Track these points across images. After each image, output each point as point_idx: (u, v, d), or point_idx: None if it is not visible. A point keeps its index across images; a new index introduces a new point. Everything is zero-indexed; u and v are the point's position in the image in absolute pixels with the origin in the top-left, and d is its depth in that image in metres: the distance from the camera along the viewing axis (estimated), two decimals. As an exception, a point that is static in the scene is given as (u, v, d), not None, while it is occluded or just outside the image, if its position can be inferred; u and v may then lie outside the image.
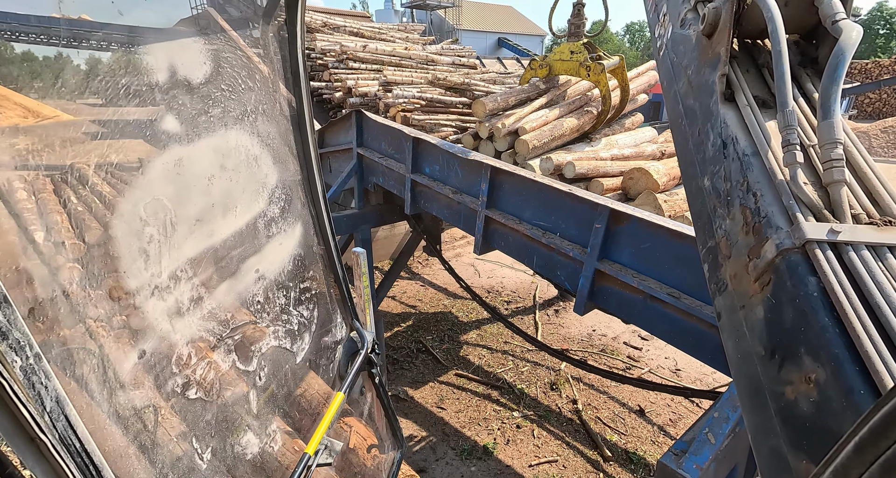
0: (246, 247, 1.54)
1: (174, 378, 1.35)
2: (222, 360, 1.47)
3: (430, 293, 8.80)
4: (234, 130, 1.48)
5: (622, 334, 7.22)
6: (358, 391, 1.89)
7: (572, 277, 3.12)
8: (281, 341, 1.64)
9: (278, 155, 1.64)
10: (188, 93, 1.36)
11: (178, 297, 1.32)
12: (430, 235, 5.92)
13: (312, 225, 1.78)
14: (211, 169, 1.41)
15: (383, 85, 5.79)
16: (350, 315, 1.85)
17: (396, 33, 8.69)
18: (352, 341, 1.78)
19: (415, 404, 5.69)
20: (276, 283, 1.65)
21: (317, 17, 7.77)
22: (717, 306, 1.06)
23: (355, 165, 5.02)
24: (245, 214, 1.52)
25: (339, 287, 1.81)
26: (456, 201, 3.92)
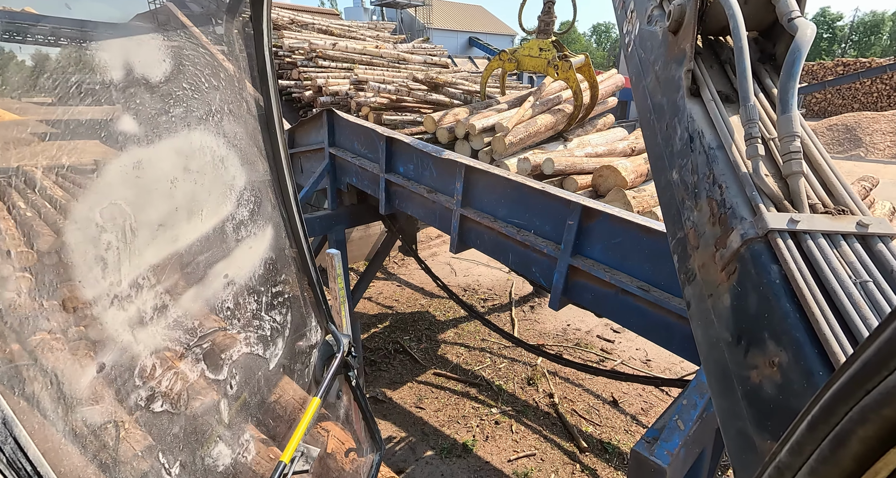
0: (213, 252, 1.49)
1: (137, 391, 1.30)
2: (190, 369, 1.42)
3: (407, 293, 8.77)
4: (198, 130, 1.43)
5: (595, 328, 7.40)
6: (335, 395, 1.86)
7: (547, 273, 3.17)
8: (253, 348, 1.60)
9: (246, 156, 1.59)
10: (146, 91, 1.30)
11: (141, 306, 1.28)
12: (406, 234, 5.89)
13: (284, 227, 1.74)
14: (173, 171, 1.35)
15: (354, 83, 5.72)
16: (325, 318, 1.82)
17: (367, 31, 8.60)
18: (327, 345, 1.75)
19: (393, 405, 5.66)
20: (247, 288, 1.60)
21: (284, 14, 7.59)
22: (687, 295, 1.09)
23: (328, 165, 4.94)
24: (212, 217, 1.47)
25: (312, 290, 1.78)
26: (431, 200, 3.92)
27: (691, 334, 2.52)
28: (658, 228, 2.55)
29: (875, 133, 16.06)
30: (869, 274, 0.78)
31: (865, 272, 0.78)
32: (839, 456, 0.37)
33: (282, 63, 6.66)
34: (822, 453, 0.39)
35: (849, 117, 17.28)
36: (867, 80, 19.76)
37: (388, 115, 5.24)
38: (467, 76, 7.18)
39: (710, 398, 2.04)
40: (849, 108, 20.50)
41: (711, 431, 2.09)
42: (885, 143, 15.67)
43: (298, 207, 1.71)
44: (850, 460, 0.37)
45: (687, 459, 1.97)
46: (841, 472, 0.38)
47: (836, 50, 47.58)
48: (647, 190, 3.55)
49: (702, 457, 2.12)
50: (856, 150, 15.67)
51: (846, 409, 0.36)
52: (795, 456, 0.43)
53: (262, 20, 1.44)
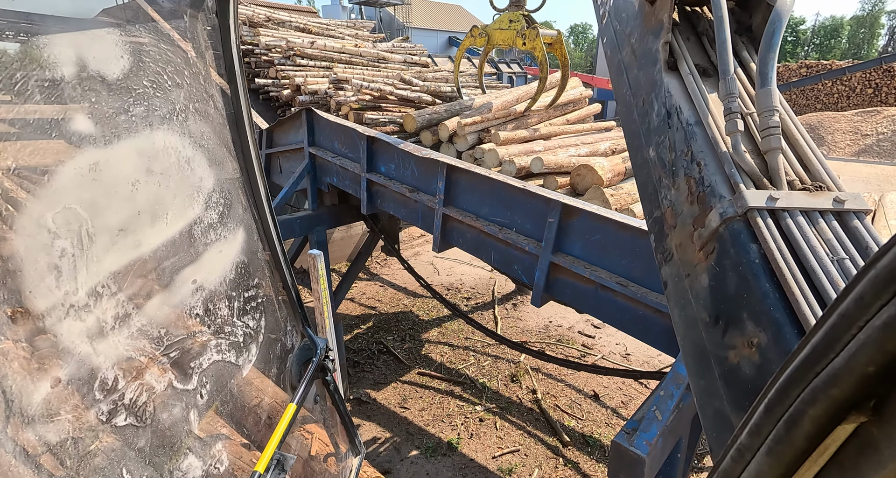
0: (180, 257, 1.43)
1: (98, 405, 1.23)
2: (156, 380, 1.36)
3: (390, 293, 8.74)
4: (162, 130, 1.36)
5: (576, 324, 7.52)
6: (312, 400, 1.82)
7: (528, 270, 3.21)
8: (224, 355, 1.55)
9: (214, 156, 1.52)
10: (104, 89, 1.23)
11: (101, 315, 1.21)
12: (388, 234, 5.87)
13: (256, 229, 1.68)
14: (135, 173, 1.28)
15: (334, 82, 5.66)
16: (301, 322, 1.77)
17: (345, 30, 8.52)
18: (304, 349, 1.72)
19: (377, 406, 5.64)
20: (217, 293, 1.54)
21: (260, 12, 7.45)
22: (664, 275, 1.05)
23: (308, 165, 4.88)
24: (177, 221, 1.41)
25: (287, 294, 1.73)
26: (413, 200, 3.92)
27: (668, 328, 2.60)
28: (635, 225, 2.62)
29: (836, 132, 16.80)
30: (846, 251, 0.78)
31: (842, 249, 0.78)
32: (793, 435, 0.40)
33: (258, 61, 6.54)
34: (777, 434, 0.41)
35: (812, 117, 18.02)
36: (828, 82, 20.63)
37: (369, 114, 5.21)
38: (447, 76, 7.20)
39: (686, 389, 2.11)
40: (812, 109, 21.37)
41: (688, 420, 2.16)
42: (845, 141, 16.40)
43: (271, 209, 1.66)
44: (802, 439, 0.39)
45: (665, 448, 2.04)
46: (794, 450, 0.40)
47: (800, 52, 49.53)
48: (624, 188, 3.63)
49: (678, 446, 2.19)
50: (819, 148, 16.34)
51: (798, 391, 0.39)
52: (754, 437, 0.45)
53: (229, 14, 1.38)
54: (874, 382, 0.33)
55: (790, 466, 0.41)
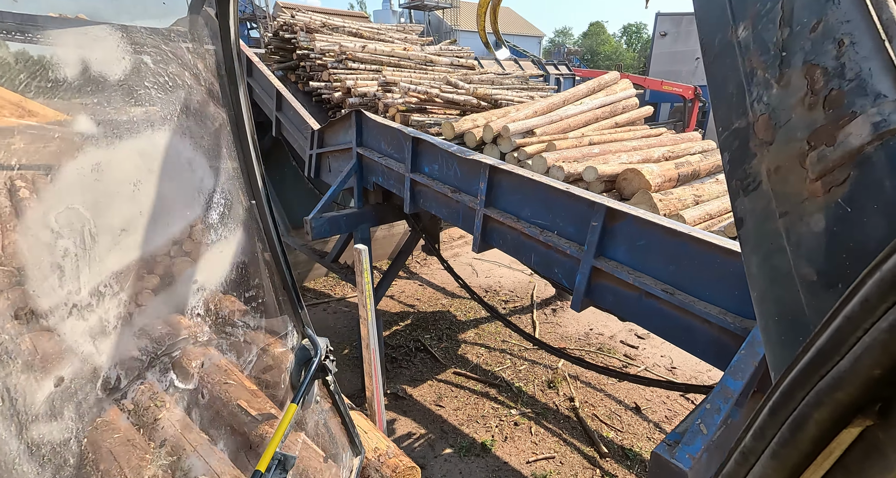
0: (182, 257, 1.45)
1: (100, 404, 1.23)
2: (158, 380, 1.36)
3: (429, 292, 8.85)
4: (163, 131, 1.35)
5: (619, 333, 7.28)
6: (313, 400, 1.80)
7: (569, 274, 3.17)
8: (226, 355, 1.56)
9: (215, 157, 1.52)
10: (105, 90, 1.21)
11: (103, 315, 1.19)
12: (429, 233, 5.96)
13: (256, 230, 1.65)
14: (136, 174, 1.27)
15: (382, 85, 5.84)
16: (301, 322, 1.74)
17: (395, 34, 8.74)
18: (304, 349, 1.69)
19: (413, 402, 5.73)
20: (218, 293, 1.53)
21: (316, 18, 7.81)
22: (740, 210, 0.81)
23: (355, 165, 5.06)
24: (179, 221, 1.40)
25: (288, 294, 1.69)
26: (455, 200, 3.97)
27: (716, 339, 2.48)
28: (684, 231, 2.52)
29: None
30: None
31: None
32: (798, 439, 0.39)
33: (313, 65, 6.86)
34: (782, 437, 0.41)
35: None
36: None
37: (415, 116, 5.32)
38: (493, 78, 7.21)
39: (735, 404, 2.02)
40: None
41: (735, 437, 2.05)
42: None
43: (272, 210, 1.62)
44: (807, 442, 0.38)
45: (709, 465, 1.95)
46: (799, 454, 0.39)
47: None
48: (674, 193, 3.49)
49: (724, 463, 2.08)
50: None
51: (803, 394, 0.38)
52: (759, 441, 0.44)
53: (229, 15, 1.34)
54: (880, 385, 0.33)
55: (795, 469, 0.41)
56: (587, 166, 3.68)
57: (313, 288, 9.18)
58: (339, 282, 9.37)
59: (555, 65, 14.72)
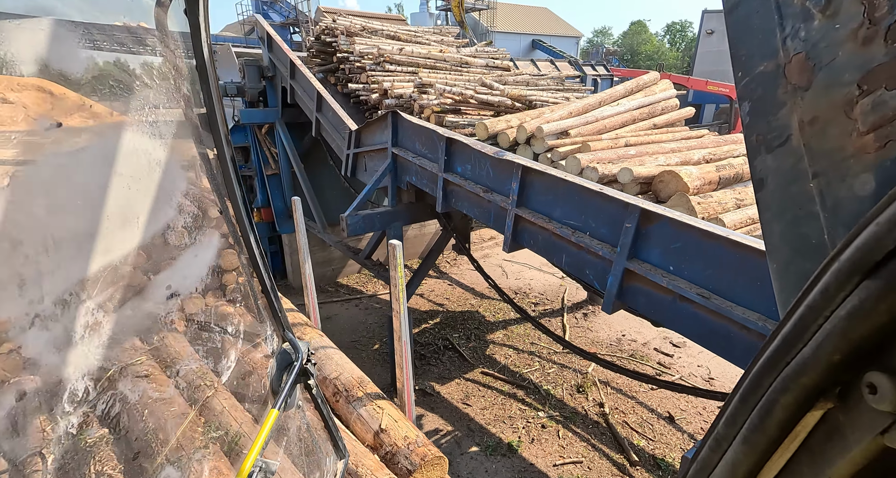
0: (153, 262, 1.37)
1: (68, 418, 1.17)
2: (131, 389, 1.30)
3: (458, 292, 8.90)
4: (130, 131, 1.27)
5: (653, 341, 7.08)
6: (295, 405, 1.74)
7: (601, 276, 3.14)
8: (203, 361, 1.49)
9: (187, 158, 1.44)
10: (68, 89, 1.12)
11: (68, 324, 1.12)
12: (460, 233, 6.02)
13: (232, 232, 1.58)
14: (101, 177, 1.20)
15: (418, 86, 5.95)
16: (281, 326, 1.69)
17: (432, 36, 8.86)
18: (285, 354, 1.64)
19: (441, 399, 5.80)
20: (194, 298, 1.46)
21: (356, 22, 8.04)
22: (761, 170, 0.71)
23: (390, 165, 5.19)
24: (150, 225, 1.32)
25: (266, 297, 1.63)
26: (486, 200, 4.01)
27: (754, 346, 2.40)
28: (722, 234, 2.46)
29: None
30: None
31: None
32: (766, 424, 0.41)
33: (352, 67, 7.07)
34: (752, 423, 0.42)
35: None
36: None
37: (450, 117, 5.40)
38: (528, 79, 7.19)
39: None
40: None
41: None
42: None
43: (248, 211, 1.53)
44: (775, 427, 0.40)
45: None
46: (768, 438, 0.41)
47: None
48: (714, 196, 3.39)
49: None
50: None
51: (770, 381, 0.40)
52: (731, 427, 0.45)
53: (199, 11, 1.26)
54: (840, 369, 0.34)
55: (764, 453, 0.42)
56: (622, 168, 3.63)
57: (346, 284, 9.43)
58: (371, 279, 9.58)
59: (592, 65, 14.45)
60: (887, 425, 0.33)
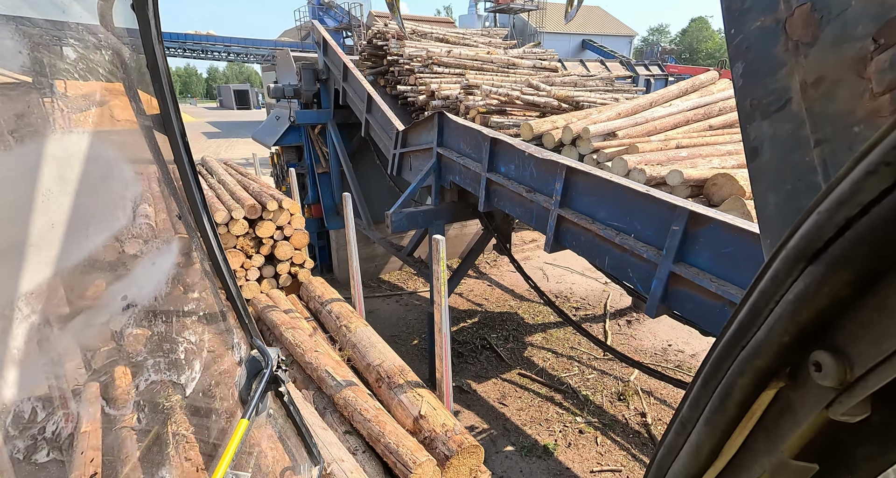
0: (106, 272, 1.28)
1: (12, 443, 1.11)
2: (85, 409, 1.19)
3: (497, 293, 8.90)
4: (76, 134, 1.19)
5: (701, 352, 6.75)
6: (266, 413, 1.68)
7: (645, 279, 3.08)
8: (164, 375, 1.41)
9: (140, 160, 1.36)
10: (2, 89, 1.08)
11: (11, 342, 1.04)
12: (501, 233, 6.04)
13: (193, 237, 1.50)
14: (46, 182, 1.10)
15: (465, 88, 6.04)
16: (249, 333, 1.62)
17: (479, 38, 8.94)
18: (254, 361, 1.58)
19: (477, 397, 5.85)
20: (152, 309, 1.38)
21: (407, 25, 8.27)
22: (755, 137, 0.64)
23: (434, 164, 5.31)
24: (100, 232, 1.23)
25: (232, 304, 1.57)
26: (529, 200, 4.02)
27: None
28: (778, 239, 2.35)
29: None
30: None
31: None
32: (726, 405, 0.42)
33: (401, 70, 7.28)
34: (713, 405, 0.44)
35: None
36: None
37: (495, 117, 5.44)
38: (576, 80, 7.09)
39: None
40: None
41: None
42: None
43: (209, 215, 1.43)
44: (733, 407, 0.42)
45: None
46: (727, 419, 0.43)
47: None
48: (772, 199, 3.22)
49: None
50: None
51: (729, 364, 0.41)
52: (694, 410, 0.47)
53: (148, 5, 1.18)
54: (789, 350, 0.36)
55: (724, 433, 0.44)
56: (672, 170, 3.52)
57: (388, 280, 9.69)
58: (411, 277, 9.78)
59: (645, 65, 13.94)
60: (831, 399, 0.35)
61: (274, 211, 4.12)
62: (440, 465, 2.12)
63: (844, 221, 0.30)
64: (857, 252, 0.30)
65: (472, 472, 2.26)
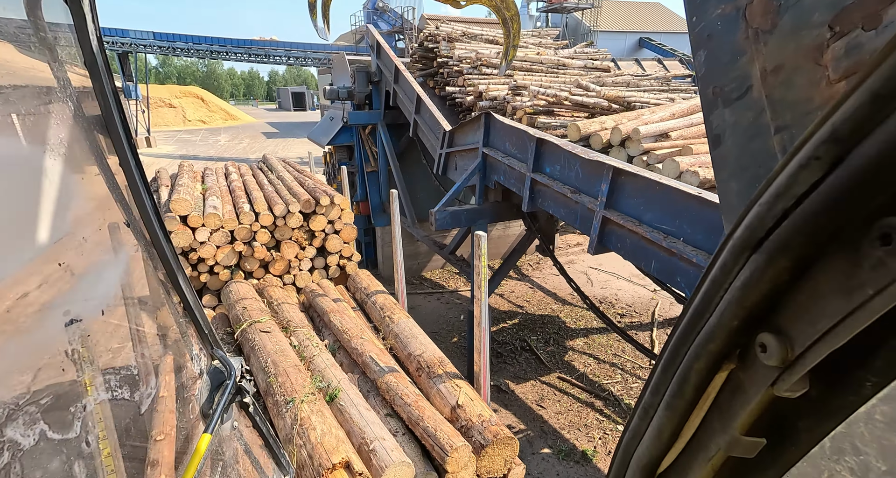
0: (43, 286, 1.16)
1: None
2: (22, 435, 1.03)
3: (539, 296, 8.82)
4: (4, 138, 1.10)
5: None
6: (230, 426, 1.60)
7: (694, 284, 2.98)
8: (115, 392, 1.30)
9: (81, 164, 1.25)
10: None
11: None
12: (544, 234, 6.00)
13: (144, 244, 1.40)
14: None
15: (513, 89, 6.06)
16: (209, 343, 1.53)
17: (530, 39, 8.90)
18: (216, 372, 1.50)
19: (515, 398, 5.85)
20: (99, 323, 1.28)
21: (457, 28, 8.39)
22: (717, 125, 0.64)
23: (479, 164, 5.38)
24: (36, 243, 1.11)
25: (190, 313, 1.48)
26: (574, 201, 3.99)
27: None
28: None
29: None
30: None
31: None
32: (684, 389, 0.44)
33: (450, 72, 7.41)
34: (672, 389, 0.46)
35: None
36: None
37: (542, 118, 5.43)
38: (629, 80, 6.90)
39: None
40: None
41: None
42: None
43: (161, 222, 1.35)
44: (691, 391, 0.44)
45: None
46: (685, 402, 0.45)
47: None
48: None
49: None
50: None
51: (685, 350, 0.43)
52: (655, 396, 0.49)
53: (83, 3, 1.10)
54: (738, 334, 0.38)
55: (683, 415, 0.46)
56: (727, 171, 3.38)
57: (430, 278, 9.86)
58: (453, 276, 9.89)
59: (706, 63, 13.18)
60: (775, 377, 0.37)
61: (326, 206, 4.36)
62: (475, 452, 2.18)
63: (782, 212, 0.33)
64: (793, 240, 0.32)
65: (507, 463, 2.30)
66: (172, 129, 32.82)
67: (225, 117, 39.01)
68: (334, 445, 2.04)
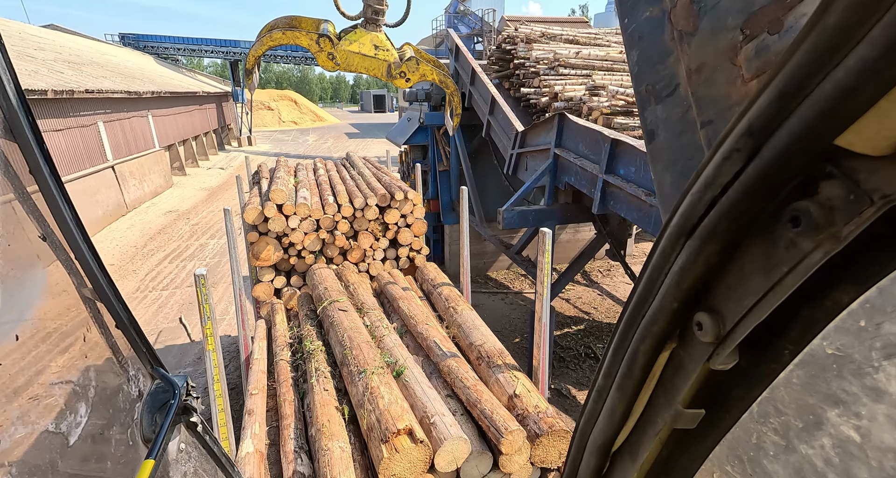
0: None
1: None
2: None
3: (607, 304, 8.51)
4: None
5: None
6: (177, 449, 1.48)
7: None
8: (37, 425, 1.16)
9: None
10: None
11: None
12: (615, 238, 5.82)
13: (65, 258, 1.29)
14: None
15: (590, 89, 5.94)
16: (148, 361, 1.43)
17: (612, 37, 8.61)
18: (158, 392, 1.40)
19: (576, 404, 5.74)
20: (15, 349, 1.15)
21: (536, 29, 8.37)
22: (651, 121, 0.68)
23: (550, 164, 5.36)
24: None
25: (125, 331, 1.39)
26: (648, 204, 3.86)
27: None
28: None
29: None
30: None
31: None
32: (632, 370, 0.47)
33: (526, 73, 7.42)
34: (622, 371, 0.48)
35: None
36: None
37: (619, 119, 5.28)
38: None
39: None
40: None
41: None
42: None
43: (82, 230, 1.25)
44: (639, 371, 0.46)
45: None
46: (634, 382, 0.48)
47: None
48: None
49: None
50: None
51: (632, 333, 0.46)
52: (607, 378, 0.51)
53: None
54: (678, 315, 0.41)
55: (633, 395, 0.49)
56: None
57: (495, 278, 9.93)
58: (518, 277, 9.86)
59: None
60: (710, 352, 0.40)
61: (400, 201, 4.64)
62: (530, 440, 2.25)
63: (711, 199, 0.36)
64: (720, 226, 0.36)
65: (562, 456, 2.34)
66: (269, 129, 36.11)
67: (314, 119, 42.13)
68: (399, 413, 2.23)
